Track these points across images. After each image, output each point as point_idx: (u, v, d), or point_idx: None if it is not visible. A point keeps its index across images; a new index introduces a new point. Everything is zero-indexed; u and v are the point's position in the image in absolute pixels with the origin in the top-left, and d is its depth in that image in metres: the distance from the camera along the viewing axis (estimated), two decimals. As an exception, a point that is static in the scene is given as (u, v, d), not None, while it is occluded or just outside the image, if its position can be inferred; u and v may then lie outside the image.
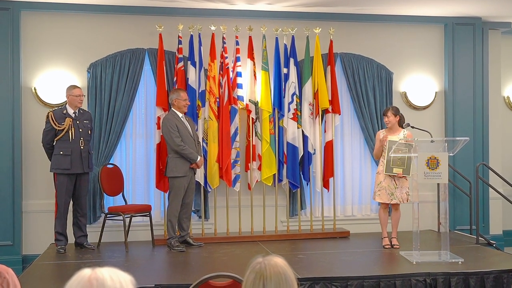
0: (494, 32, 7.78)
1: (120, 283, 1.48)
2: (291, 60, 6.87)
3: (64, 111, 6.05)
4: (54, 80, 6.66)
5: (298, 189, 6.96)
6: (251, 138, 6.80)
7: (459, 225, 7.39)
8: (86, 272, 1.50)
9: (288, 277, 1.81)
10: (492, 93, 7.73)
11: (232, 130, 6.69)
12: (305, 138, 6.90)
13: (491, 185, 7.09)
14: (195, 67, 6.66)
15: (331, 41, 7.01)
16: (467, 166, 7.34)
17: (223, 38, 6.72)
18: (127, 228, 6.25)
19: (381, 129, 6.61)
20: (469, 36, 7.57)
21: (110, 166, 6.58)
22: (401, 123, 6.18)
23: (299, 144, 6.85)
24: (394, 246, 6.12)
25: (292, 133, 6.82)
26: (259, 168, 6.81)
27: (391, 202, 6.07)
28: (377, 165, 6.37)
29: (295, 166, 6.83)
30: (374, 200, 6.25)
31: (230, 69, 6.76)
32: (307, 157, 6.90)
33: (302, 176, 6.97)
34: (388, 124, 6.16)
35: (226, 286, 2.88)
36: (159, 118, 6.55)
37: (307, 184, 7.04)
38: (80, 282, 1.47)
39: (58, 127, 5.96)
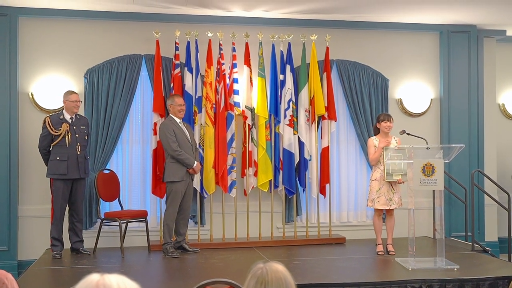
0: (489, 40, 7.84)
1: None
2: (288, 67, 6.90)
3: (61, 117, 6.05)
4: (51, 85, 6.67)
5: (294, 195, 6.97)
6: (247, 144, 6.81)
7: (455, 232, 7.42)
8: (94, 277, 1.50)
9: (288, 283, 1.83)
10: (487, 100, 7.78)
11: (228, 136, 6.70)
12: (301, 144, 6.92)
13: (486, 192, 7.12)
14: (192, 73, 6.68)
15: (327, 48, 7.05)
16: (463, 173, 7.37)
17: (220, 44, 6.75)
18: (123, 233, 6.24)
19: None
20: (464, 43, 7.63)
21: (107, 171, 6.58)
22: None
23: (295, 150, 6.87)
24: (389, 253, 6.14)
25: (288, 139, 6.84)
26: (255, 174, 6.82)
27: (390, 208, 6.09)
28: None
29: (291, 172, 6.85)
30: (372, 207, 6.23)
31: (227, 75, 6.78)
32: (303, 163, 6.92)
33: (298, 182, 6.98)
34: (389, 130, 6.19)
35: (223, 292, 2.88)
36: (155, 124, 6.56)
37: (303, 190, 7.06)
38: (88, 286, 1.47)
39: (55, 132, 5.97)
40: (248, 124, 6.82)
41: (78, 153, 6.03)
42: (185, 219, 6.30)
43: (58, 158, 5.95)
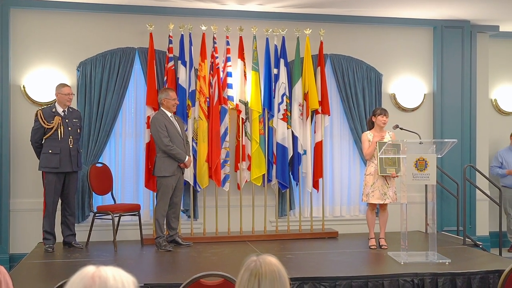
0: (482, 35, 7.86)
1: (122, 283, 1.50)
2: (281, 61, 6.89)
3: (53, 110, 6.02)
4: (44, 78, 6.63)
5: (287, 190, 6.98)
6: (240, 138, 6.81)
7: (446, 226, 7.46)
8: (90, 269, 1.51)
9: (282, 275, 1.85)
10: (479, 95, 7.80)
11: (222, 130, 6.69)
12: (294, 138, 6.92)
13: (478, 186, 7.16)
14: (186, 67, 6.66)
15: (321, 42, 7.04)
16: (455, 167, 7.40)
17: (214, 38, 6.73)
18: (115, 227, 6.23)
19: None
20: (458, 39, 7.65)
21: (99, 165, 6.56)
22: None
23: (288, 144, 6.87)
24: (382, 247, 6.16)
25: (281, 133, 6.84)
26: (249, 168, 6.82)
27: (384, 202, 6.10)
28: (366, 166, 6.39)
29: (284, 166, 6.85)
30: (366, 202, 6.23)
31: (221, 69, 6.76)
32: (297, 157, 6.92)
33: (291, 176, 6.99)
34: (385, 125, 6.20)
35: (217, 285, 2.89)
36: (148, 117, 6.54)
37: (297, 185, 7.07)
38: (83, 278, 1.48)
39: (47, 125, 5.93)
40: (242, 118, 6.82)
41: (71, 146, 6.00)
42: (176, 213, 6.30)
43: (50, 151, 5.92)
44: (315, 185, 7.05)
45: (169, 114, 6.19)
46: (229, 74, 6.75)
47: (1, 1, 6.47)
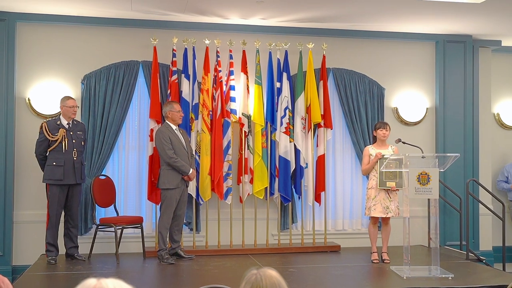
0: (484, 50, 7.90)
1: None
2: (284, 75, 6.93)
3: (58, 122, 6.06)
4: (48, 91, 6.68)
5: (290, 203, 6.98)
6: (243, 151, 6.83)
7: (449, 241, 7.44)
8: (91, 282, 1.51)
9: (283, 288, 1.85)
10: (482, 110, 7.82)
11: (225, 143, 6.72)
12: (297, 152, 6.94)
13: (481, 201, 7.14)
14: (189, 80, 6.71)
15: (324, 56, 7.09)
16: (458, 182, 7.40)
17: (217, 51, 6.78)
18: (118, 239, 6.24)
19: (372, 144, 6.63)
20: (460, 53, 7.68)
21: (103, 177, 6.58)
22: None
23: (291, 158, 6.89)
24: (384, 261, 6.14)
25: (284, 146, 6.86)
26: (251, 181, 6.83)
27: (386, 216, 6.08)
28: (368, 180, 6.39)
29: (287, 179, 6.86)
30: (368, 215, 6.22)
31: (224, 83, 6.80)
32: (299, 171, 6.93)
33: (294, 189, 7.00)
34: (385, 138, 6.22)
35: (218, 298, 2.89)
36: (152, 130, 6.58)
37: (299, 198, 7.07)
38: None
39: (52, 137, 5.97)
40: (245, 131, 6.84)
41: (75, 158, 6.03)
42: (179, 226, 6.30)
43: (54, 163, 5.95)
44: (317, 198, 7.05)
45: (173, 127, 6.23)
46: (232, 88, 6.79)
47: (8, 15, 6.54)
